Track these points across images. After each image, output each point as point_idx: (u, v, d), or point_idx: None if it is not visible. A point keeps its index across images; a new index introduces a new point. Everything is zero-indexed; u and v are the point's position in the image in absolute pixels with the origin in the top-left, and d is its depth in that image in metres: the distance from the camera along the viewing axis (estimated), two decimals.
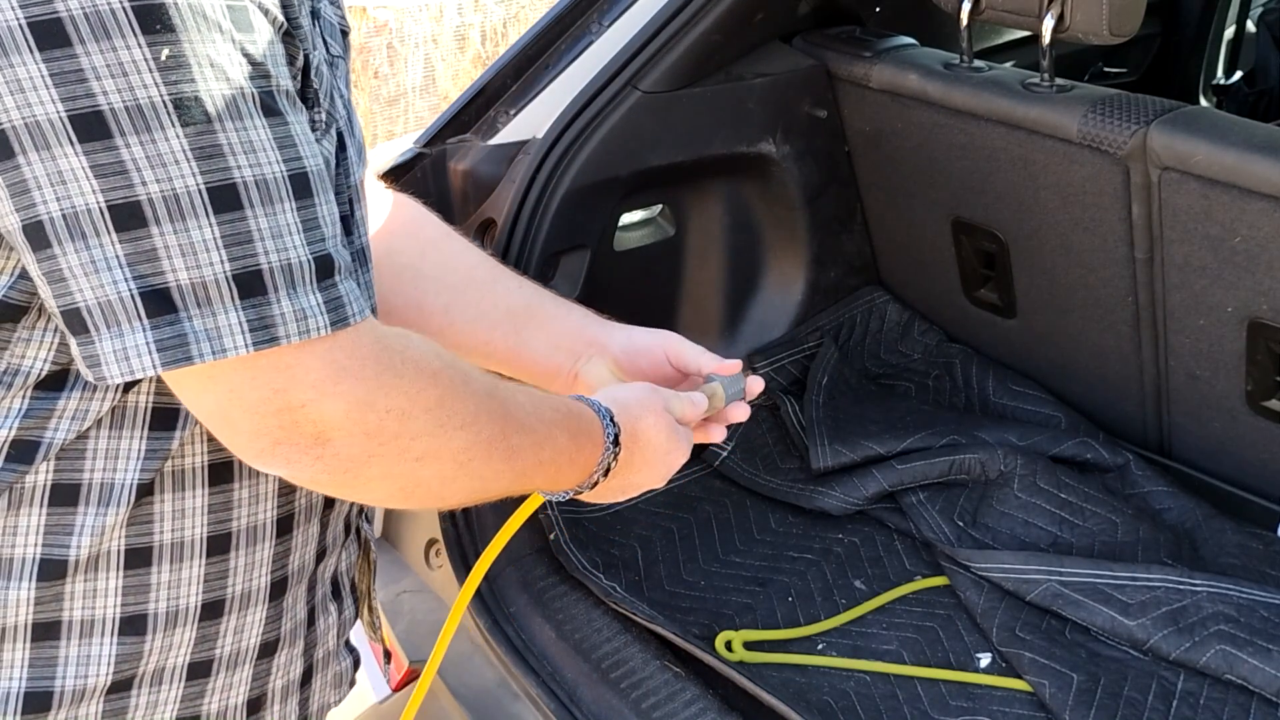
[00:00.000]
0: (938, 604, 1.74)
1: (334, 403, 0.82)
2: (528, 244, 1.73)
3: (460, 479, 0.92)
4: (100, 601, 0.91)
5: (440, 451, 0.89)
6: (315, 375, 0.81)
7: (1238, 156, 1.62)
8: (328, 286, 0.81)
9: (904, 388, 2.15)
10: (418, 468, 0.88)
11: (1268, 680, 1.53)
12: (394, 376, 0.85)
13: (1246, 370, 1.77)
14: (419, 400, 0.87)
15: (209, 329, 0.78)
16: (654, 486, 1.16)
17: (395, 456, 0.86)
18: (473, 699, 1.57)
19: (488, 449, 0.92)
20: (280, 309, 0.79)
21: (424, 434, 0.87)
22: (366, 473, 0.86)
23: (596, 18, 1.84)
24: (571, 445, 1.03)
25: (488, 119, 1.81)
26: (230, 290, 0.78)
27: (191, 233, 0.76)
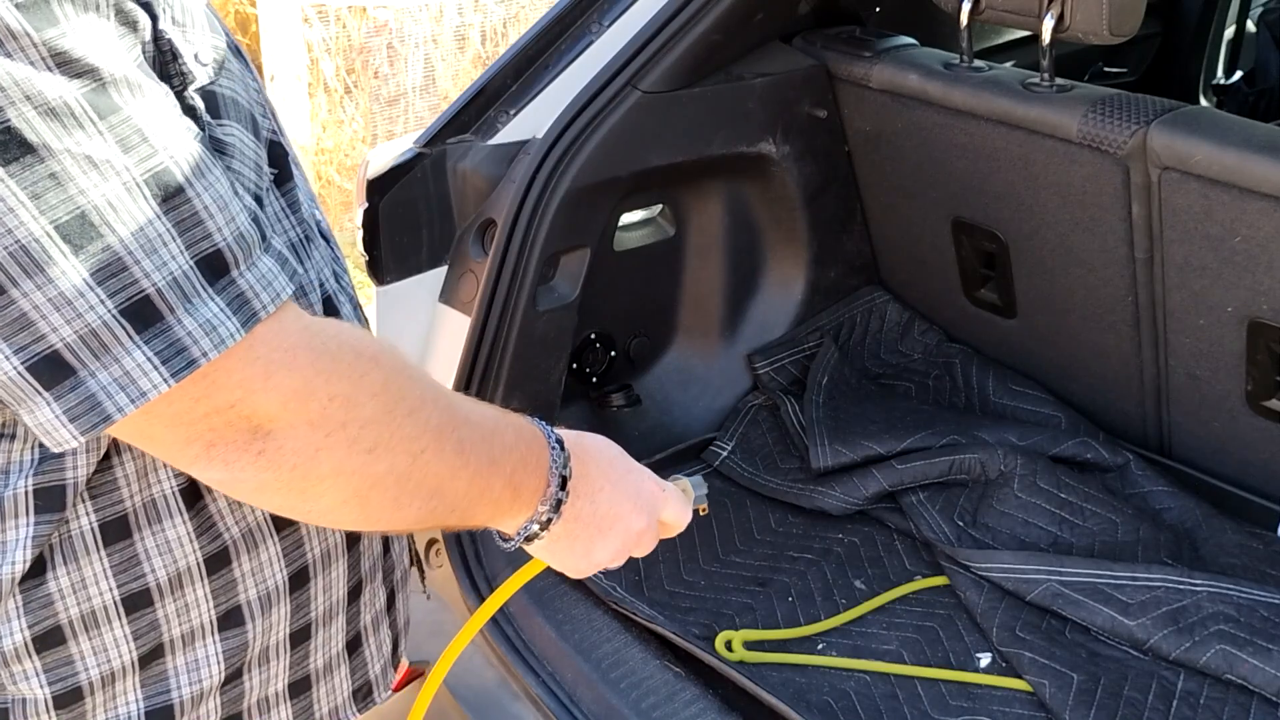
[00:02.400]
0: (938, 604, 1.74)
1: (267, 396, 0.76)
2: (528, 244, 1.73)
3: (415, 475, 0.85)
4: (194, 612, 0.90)
5: (392, 441, 0.82)
6: (239, 376, 0.75)
7: (1238, 156, 1.62)
8: (225, 286, 0.74)
9: (904, 388, 2.15)
10: (371, 461, 0.81)
11: (1268, 680, 1.53)
12: (331, 361, 0.79)
13: (1246, 370, 1.77)
14: (363, 384, 0.80)
15: (118, 378, 0.71)
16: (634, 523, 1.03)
17: (345, 448, 0.79)
18: (473, 699, 1.57)
19: (439, 439, 0.86)
20: (183, 328, 0.72)
21: (373, 420, 0.81)
22: (316, 470, 0.79)
23: (596, 18, 1.84)
24: (520, 442, 0.95)
25: (488, 119, 1.81)
26: (123, 329, 0.70)
27: (54, 279, 0.69)
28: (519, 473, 0.94)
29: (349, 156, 5.05)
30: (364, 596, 1.04)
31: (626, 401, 2.03)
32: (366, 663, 1.09)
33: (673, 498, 1.08)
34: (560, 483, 0.97)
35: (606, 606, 1.64)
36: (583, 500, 0.99)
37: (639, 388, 2.07)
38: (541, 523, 0.96)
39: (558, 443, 0.98)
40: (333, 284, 1.02)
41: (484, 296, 1.72)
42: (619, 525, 1.02)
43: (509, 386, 1.75)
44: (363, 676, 1.09)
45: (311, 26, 5.00)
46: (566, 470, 0.97)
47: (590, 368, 2.00)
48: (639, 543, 1.05)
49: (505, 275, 1.73)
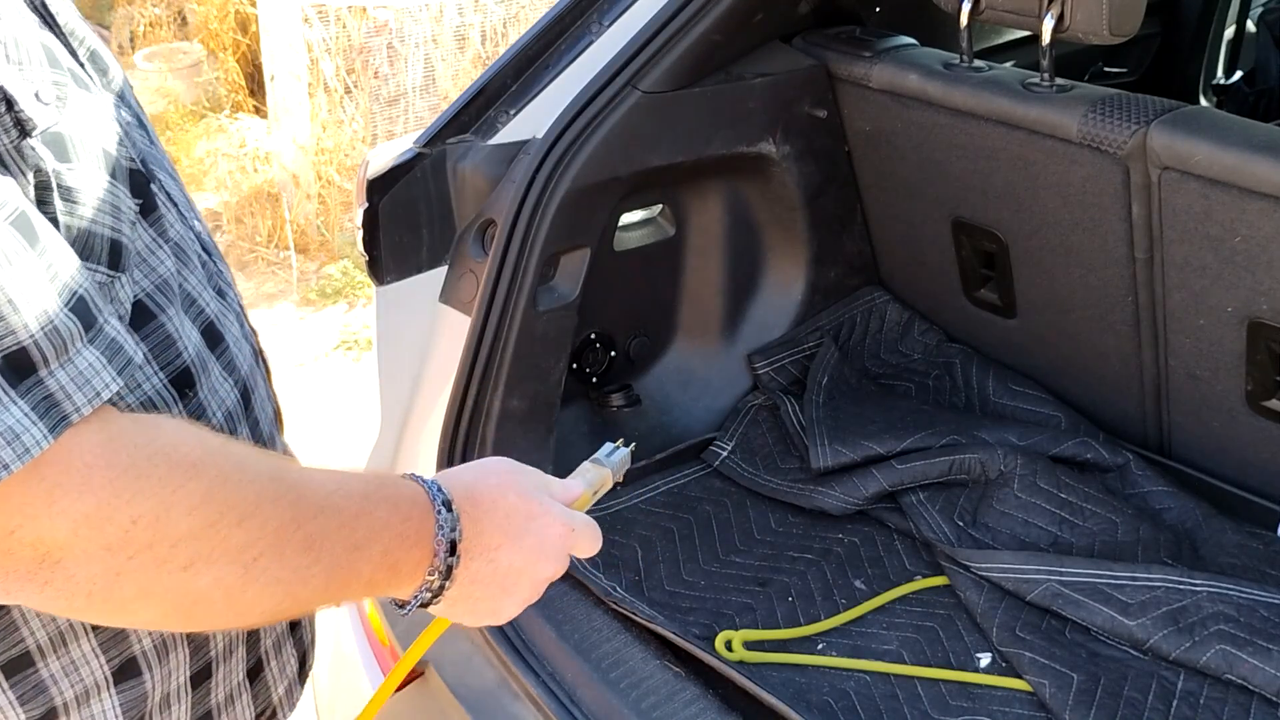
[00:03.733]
0: (938, 604, 1.74)
1: (53, 522, 0.69)
2: (528, 244, 1.73)
3: (252, 585, 0.78)
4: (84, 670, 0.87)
5: (214, 554, 0.75)
6: (18, 500, 0.68)
7: (1238, 156, 1.62)
8: (29, 388, 0.68)
9: (904, 388, 2.15)
10: (189, 578, 0.74)
11: (1268, 680, 1.53)
12: (135, 479, 0.72)
13: (1246, 370, 1.77)
14: (177, 500, 0.73)
15: None
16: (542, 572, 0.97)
17: (153, 569, 0.72)
18: (473, 699, 1.57)
19: (278, 542, 0.78)
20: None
21: (189, 537, 0.74)
22: (118, 594, 0.73)
23: (596, 18, 1.84)
24: (395, 517, 0.88)
25: (488, 119, 1.81)
26: None
27: None
28: (395, 550, 0.88)
29: (349, 156, 5.05)
30: None
31: (626, 401, 2.03)
32: (269, 687, 1.06)
33: (581, 536, 1.01)
34: (449, 548, 0.90)
35: (606, 606, 1.64)
36: (478, 561, 0.93)
37: (639, 388, 2.07)
38: (433, 590, 0.91)
39: (444, 505, 0.91)
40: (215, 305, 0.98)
41: (484, 296, 1.72)
42: (523, 578, 0.97)
43: (509, 386, 1.75)
44: (265, 701, 1.05)
45: (311, 26, 4.99)
46: (455, 534, 0.91)
47: (590, 368, 2.00)
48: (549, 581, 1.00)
49: (505, 275, 1.72)
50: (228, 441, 0.82)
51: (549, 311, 1.78)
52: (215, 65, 6.01)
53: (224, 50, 5.95)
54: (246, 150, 5.36)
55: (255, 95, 5.83)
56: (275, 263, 4.94)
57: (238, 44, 5.93)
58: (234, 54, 5.93)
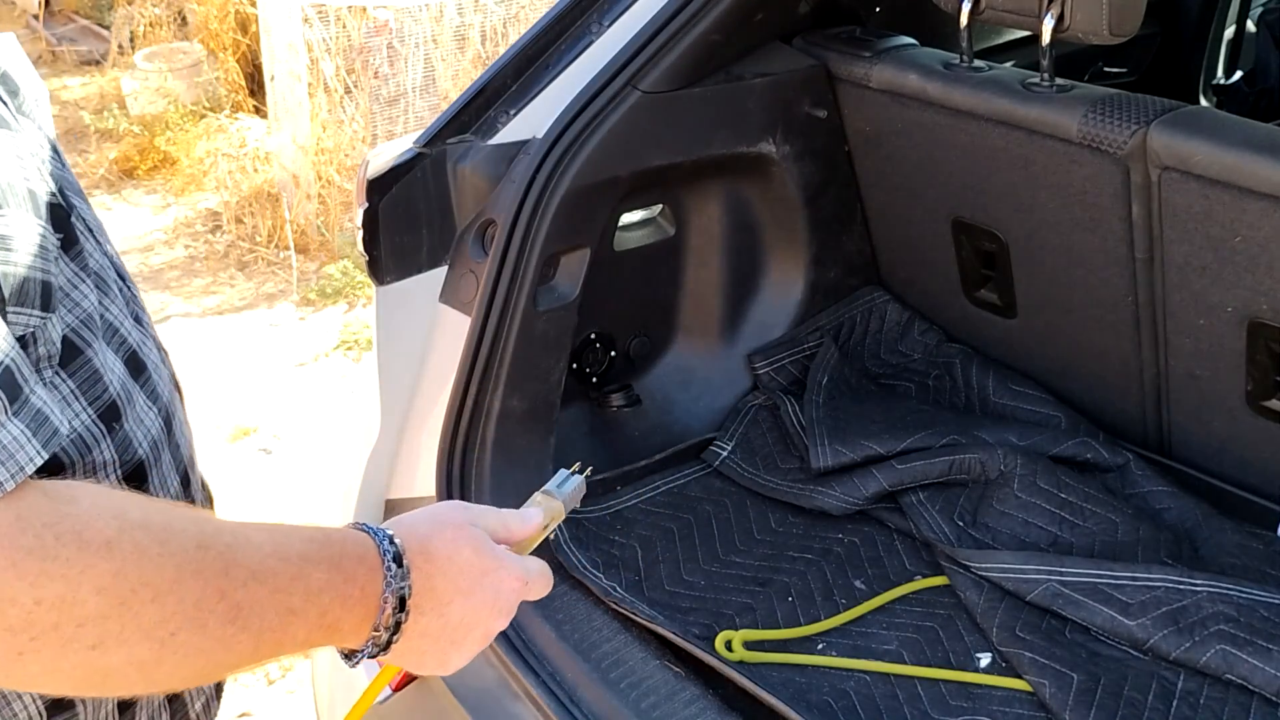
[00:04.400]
0: (938, 604, 1.74)
1: None
2: (528, 244, 1.73)
3: (170, 658, 0.76)
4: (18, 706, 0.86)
5: (125, 633, 0.73)
6: None
7: (1238, 156, 1.62)
8: None
9: (904, 388, 2.15)
10: (97, 656, 0.72)
11: (1268, 680, 1.53)
12: (40, 560, 0.70)
13: (1246, 370, 1.76)
14: (84, 581, 0.71)
15: None
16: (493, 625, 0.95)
17: (57, 649, 0.71)
18: (473, 699, 1.57)
19: (199, 614, 0.76)
20: None
21: (96, 617, 0.72)
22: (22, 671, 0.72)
23: (596, 18, 1.84)
24: (336, 578, 0.85)
25: (488, 119, 1.81)
26: None
27: None
28: (334, 610, 0.85)
29: (349, 156, 5.05)
30: None
31: (626, 401, 2.03)
32: (187, 705, 1.05)
33: (534, 585, 0.99)
34: (398, 604, 0.88)
35: (606, 606, 1.64)
36: (429, 616, 0.91)
37: (639, 388, 2.07)
38: (380, 645, 0.90)
39: (395, 560, 0.89)
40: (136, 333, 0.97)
41: (484, 296, 1.72)
42: (474, 632, 0.95)
43: (509, 386, 1.75)
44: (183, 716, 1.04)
45: (311, 26, 4.99)
46: (405, 589, 0.89)
47: (590, 368, 2.00)
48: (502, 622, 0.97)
49: (505, 275, 1.72)
50: (150, 512, 0.78)
51: (549, 311, 1.78)
52: (215, 65, 6.01)
53: (224, 50, 5.95)
54: (246, 150, 5.36)
55: (255, 95, 5.83)
56: (275, 263, 4.95)
57: (238, 44, 5.93)
58: (234, 54, 5.93)
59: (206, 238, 5.21)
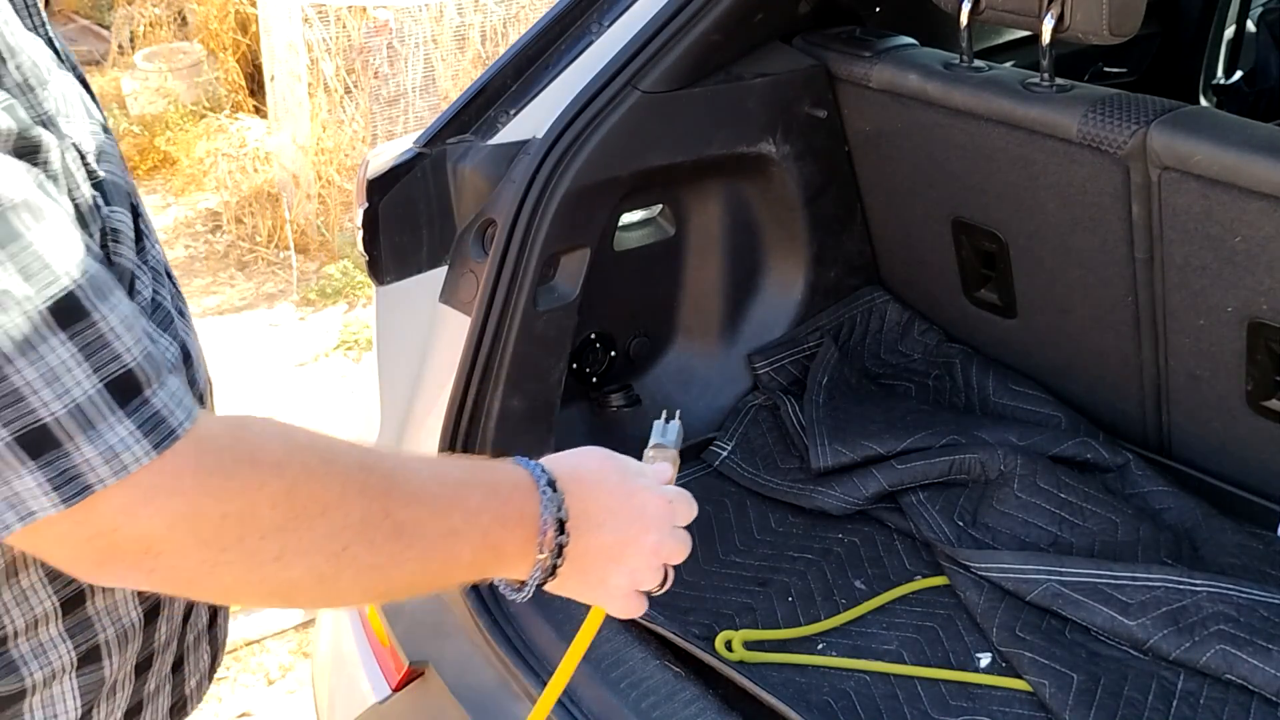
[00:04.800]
0: (938, 604, 1.74)
1: (150, 521, 0.75)
2: (528, 244, 1.73)
3: (345, 571, 0.83)
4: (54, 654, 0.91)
5: (302, 546, 0.80)
6: (118, 503, 0.73)
7: (1238, 156, 1.62)
8: (137, 407, 0.73)
9: (904, 388, 2.15)
10: (280, 569, 0.80)
11: (1268, 680, 1.53)
12: (223, 479, 0.77)
13: (1246, 370, 1.76)
14: (261, 497, 0.78)
15: (7, 498, 0.72)
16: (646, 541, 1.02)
17: (246, 561, 0.78)
18: (473, 699, 1.57)
19: (364, 531, 0.83)
20: (82, 455, 0.72)
21: (274, 530, 0.79)
22: (217, 582, 0.79)
23: (596, 18, 1.84)
24: (494, 501, 0.92)
25: (488, 119, 1.81)
26: (15, 455, 0.71)
27: None
28: (495, 533, 0.92)
29: (349, 156, 5.05)
30: (192, 618, 1.04)
31: (626, 401, 2.03)
32: (185, 680, 1.08)
33: (680, 505, 1.07)
34: (558, 527, 0.94)
35: None
36: (586, 537, 0.97)
37: (639, 388, 2.07)
38: (547, 570, 0.95)
39: (549, 485, 0.95)
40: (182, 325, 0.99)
41: (484, 296, 1.72)
42: (630, 549, 1.01)
43: (509, 387, 1.75)
44: (180, 693, 1.07)
45: (311, 26, 5.00)
46: (562, 512, 0.95)
47: (590, 368, 2.00)
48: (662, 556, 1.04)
49: (505, 275, 1.72)
50: (314, 438, 0.85)
51: (549, 311, 1.78)
52: (215, 65, 6.01)
53: (224, 50, 5.95)
54: (246, 150, 5.36)
55: (255, 95, 5.83)
56: (275, 263, 4.95)
57: (238, 44, 5.93)
58: (234, 54, 5.93)
59: (206, 238, 5.21)
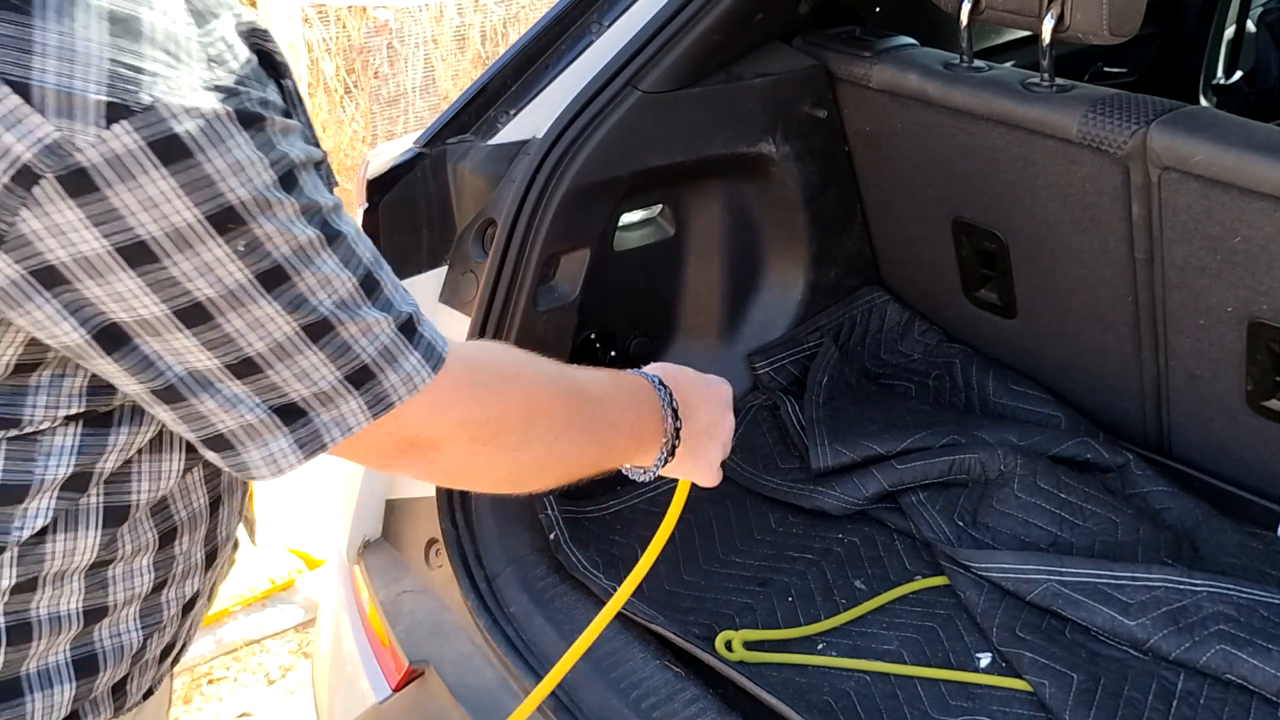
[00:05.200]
0: (938, 604, 1.74)
1: (440, 426, 0.99)
2: (528, 244, 1.73)
3: (554, 459, 1.09)
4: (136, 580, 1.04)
5: (532, 439, 1.05)
6: (421, 413, 0.96)
7: (1238, 156, 1.62)
8: (418, 341, 0.95)
9: (904, 388, 2.15)
10: (516, 457, 1.05)
11: (1267, 680, 1.53)
12: (484, 390, 1.02)
13: (1246, 370, 1.77)
14: (510, 404, 1.04)
15: (336, 419, 0.92)
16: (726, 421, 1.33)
17: (497, 453, 1.03)
18: (473, 699, 1.57)
19: (567, 426, 1.09)
20: (389, 381, 0.94)
21: (518, 428, 1.04)
22: (475, 469, 1.05)
23: (596, 18, 1.84)
24: (634, 400, 1.20)
25: (488, 119, 1.81)
26: (345, 388, 0.92)
27: (299, 363, 0.90)
28: (637, 424, 1.20)
29: (349, 156, 5.05)
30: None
31: None
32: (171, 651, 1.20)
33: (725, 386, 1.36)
34: (673, 414, 1.22)
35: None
36: (690, 422, 1.25)
37: None
38: (669, 450, 1.23)
39: (660, 385, 1.23)
40: None
41: (484, 297, 1.72)
42: (719, 428, 1.32)
43: None
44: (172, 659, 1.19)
45: (311, 26, 5.00)
46: (674, 404, 1.23)
47: None
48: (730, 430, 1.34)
49: (505, 275, 1.72)
50: (519, 354, 1.11)
51: (549, 311, 1.79)
52: None
53: None
54: None
55: None
56: None
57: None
58: None
59: None
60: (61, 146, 0.77)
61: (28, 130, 0.76)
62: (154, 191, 0.80)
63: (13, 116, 0.76)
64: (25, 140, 0.76)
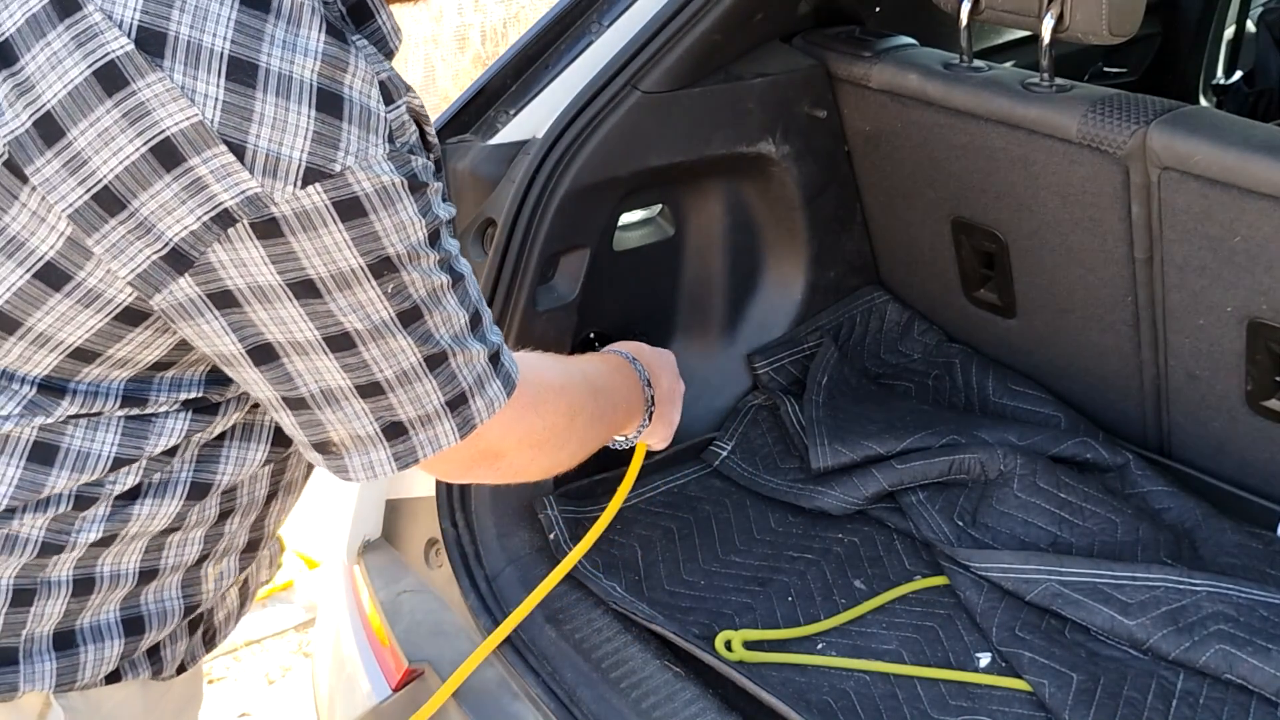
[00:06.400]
0: (938, 604, 1.74)
1: (508, 439, 1.16)
2: (527, 244, 1.73)
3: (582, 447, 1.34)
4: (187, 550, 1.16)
5: (571, 437, 1.29)
6: (496, 431, 1.13)
7: (1238, 156, 1.62)
8: (499, 369, 1.11)
9: (904, 388, 2.15)
10: (560, 454, 1.29)
11: (1267, 680, 1.53)
12: (541, 404, 1.21)
13: (1246, 370, 1.77)
14: (559, 412, 1.25)
15: (430, 438, 1.07)
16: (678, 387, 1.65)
17: (548, 453, 1.26)
18: (473, 699, 1.57)
19: (592, 419, 1.35)
20: (476, 405, 1.09)
21: (563, 430, 1.26)
22: (531, 469, 1.28)
23: (596, 18, 1.84)
24: (623, 381, 1.49)
25: (488, 119, 1.81)
26: (444, 411, 1.07)
27: (415, 389, 1.04)
28: (628, 400, 1.50)
29: None
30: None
31: None
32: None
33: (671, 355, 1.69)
34: (647, 384, 1.53)
35: (606, 606, 1.64)
36: (656, 390, 1.55)
37: None
38: (648, 416, 1.54)
39: (633, 361, 1.53)
40: None
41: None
42: (677, 393, 1.65)
43: None
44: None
45: None
46: (646, 375, 1.53)
47: None
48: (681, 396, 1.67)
49: (505, 275, 1.73)
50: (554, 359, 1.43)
51: (549, 311, 1.79)
52: None
53: None
54: None
55: None
56: None
57: None
58: None
59: None
60: (261, 200, 0.90)
61: (235, 184, 0.89)
62: (329, 241, 0.94)
63: (224, 170, 0.89)
64: (230, 191, 0.89)
